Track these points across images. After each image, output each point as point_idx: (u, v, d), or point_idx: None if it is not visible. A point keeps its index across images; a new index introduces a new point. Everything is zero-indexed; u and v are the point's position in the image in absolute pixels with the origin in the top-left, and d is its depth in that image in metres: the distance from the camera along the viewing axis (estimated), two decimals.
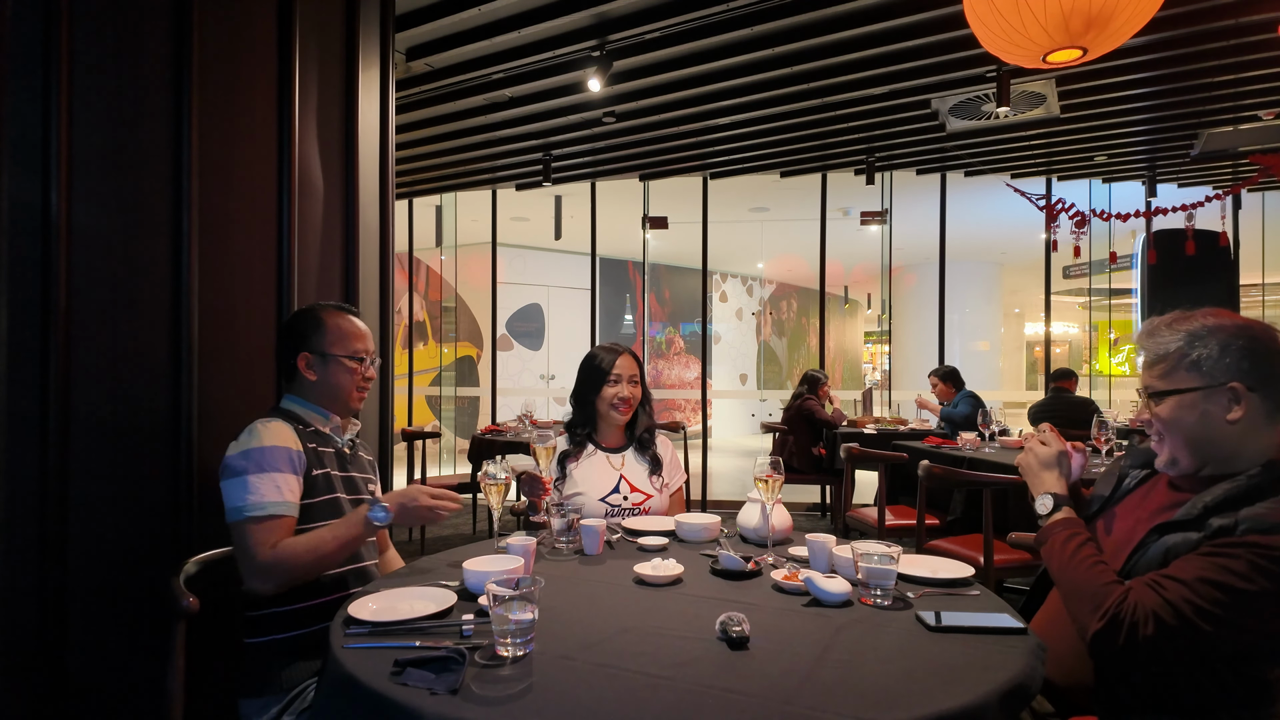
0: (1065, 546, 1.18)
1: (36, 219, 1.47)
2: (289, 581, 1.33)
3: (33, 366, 1.46)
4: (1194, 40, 3.43)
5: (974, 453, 3.40)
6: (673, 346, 11.06)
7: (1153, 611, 1.02)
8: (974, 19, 1.98)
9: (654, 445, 2.00)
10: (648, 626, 1.11)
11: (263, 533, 1.32)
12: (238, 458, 1.39)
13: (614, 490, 1.91)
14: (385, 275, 2.33)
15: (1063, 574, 1.17)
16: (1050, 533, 1.23)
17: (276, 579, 1.31)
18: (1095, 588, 1.10)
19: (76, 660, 1.51)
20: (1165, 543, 1.11)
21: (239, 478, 1.36)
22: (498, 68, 3.79)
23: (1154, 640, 1.01)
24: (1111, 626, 1.04)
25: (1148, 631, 1.01)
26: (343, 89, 2.16)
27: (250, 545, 1.31)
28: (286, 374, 1.57)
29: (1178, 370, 1.15)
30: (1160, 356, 1.17)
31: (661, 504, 1.95)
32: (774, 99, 4.16)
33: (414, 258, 7.72)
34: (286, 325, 1.60)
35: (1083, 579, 1.12)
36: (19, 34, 1.47)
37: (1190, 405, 1.13)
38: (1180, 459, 1.16)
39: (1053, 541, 1.22)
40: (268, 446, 1.39)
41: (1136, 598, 1.04)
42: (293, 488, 1.40)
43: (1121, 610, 1.04)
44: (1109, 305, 8.57)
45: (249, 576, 1.32)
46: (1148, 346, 1.20)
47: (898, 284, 9.88)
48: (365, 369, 1.58)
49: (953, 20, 3.21)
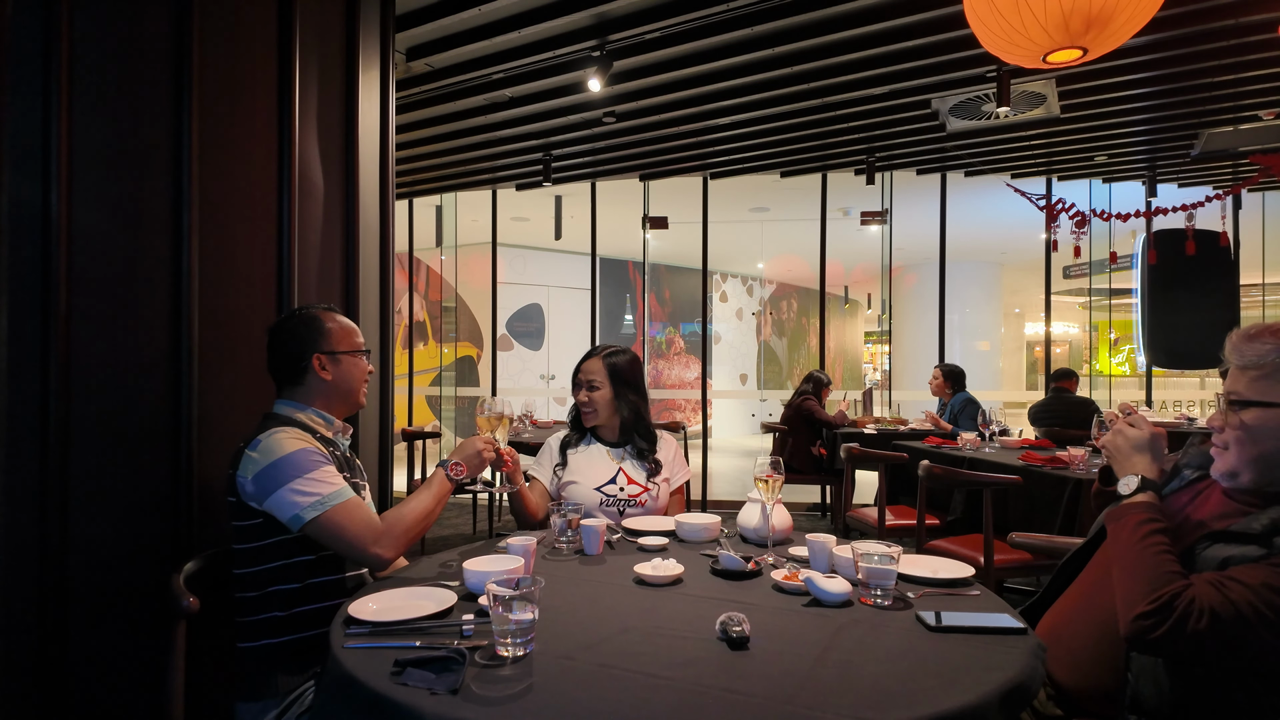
0: (1139, 528, 1.14)
1: (36, 219, 1.48)
2: (405, 544, 1.37)
3: (33, 366, 1.46)
4: (1194, 40, 3.43)
5: (974, 453, 3.40)
6: (673, 346, 11.06)
7: (1211, 608, 0.99)
8: (974, 19, 1.98)
9: (654, 452, 2.00)
10: (648, 626, 1.11)
11: (348, 513, 1.34)
12: (271, 469, 1.34)
13: (611, 480, 1.92)
14: (385, 275, 2.33)
15: (1128, 552, 1.13)
16: (1127, 511, 1.18)
17: (394, 545, 1.35)
18: (1158, 573, 1.06)
19: (76, 660, 1.51)
20: (1222, 553, 1.07)
21: (283, 488, 1.33)
22: (498, 68, 3.79)
23: (1202, 636, 0.98)
24: (1162, 611, 1.01)
25: (1199, 626, 0.98)
26: (343, 89, 2.16)
27: (343, 526, 1.32)
28: (288, 379, 1.53)
29: (1269, 380, 1.10)
30: (1254, 364, 1.12)
31: (660, 500, 1.96)
32: (774, 99, 4.16)
33: (414, 258, 7.72)
34: (285, 331, 1.54)
35: (1149, 562, 1.08)
36: (19, 34, 1.47)
37: (1273, 419, 1.09)
38: (1243, 473, 1.12)
39: (1127, 519, 1.17)
40: (294, 451, 1.37)
41: (1196, 592, 1.01)
42: (338, 475, 1.40)
43: (1179, 600, 1.01)
44: (1109, 305, 8.57)
45: (368, 551, 1.33)
46: (1244, 350, 1.14)
47: (898, 284, 9.88)
48: (368, 362, 1.62)
49: (953, 20, 3.21)
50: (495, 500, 5.20)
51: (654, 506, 1.94)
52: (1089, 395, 6.31)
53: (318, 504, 1.32)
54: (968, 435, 3.71)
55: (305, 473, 1.34)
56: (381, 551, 1.34)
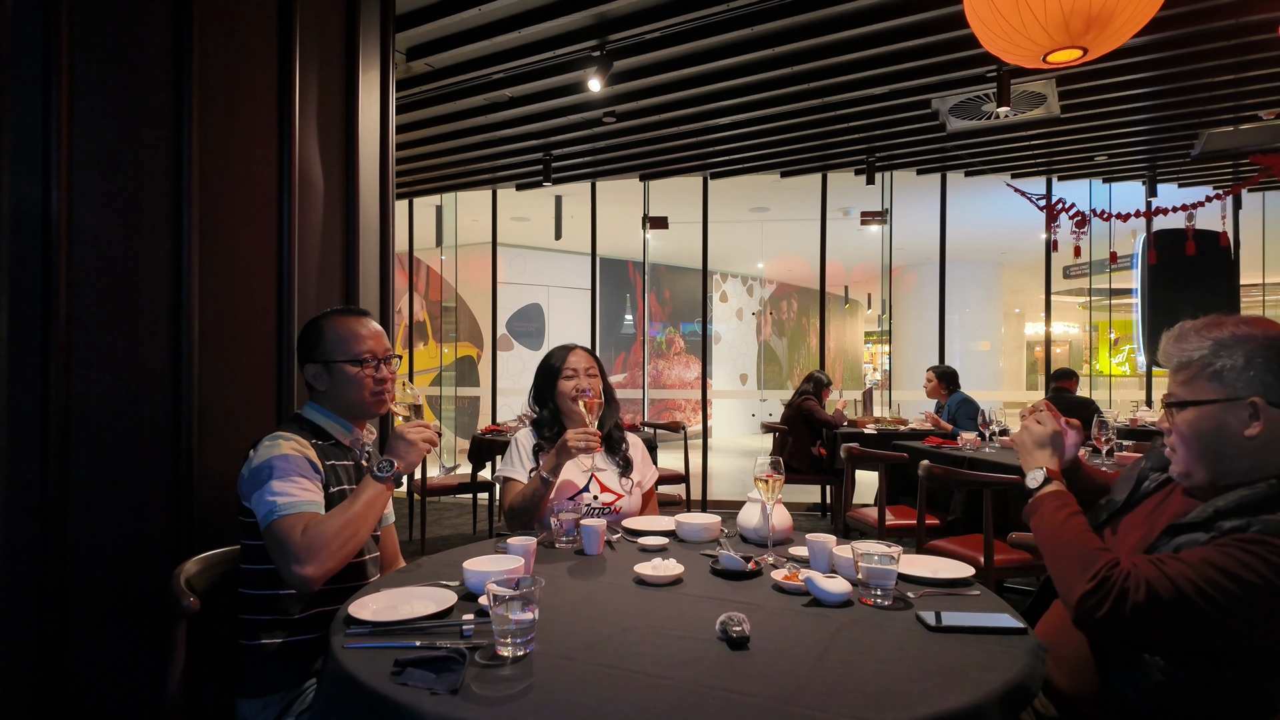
0: (1056, 514, 1.17)
1: (36, 219, 1.48)
2: (329, 559, 1.26)
3: (33, 366, 1.46)
4: (1194, 40, 3.43)
5: (974, 453, 3.40)
6: (673, 346, 11.06)
7: (1146, 580, 0.99)
8: (974, 19, 1.98)
9: (624, 445, 1.99)
10: (648, 626, 1.11)
11: (294, 522, 1.27)
12: (260, 468, 1.34)
13: (584, 490, 1.90)
14: (385, 275, 2.33)
15: (1052, 539, 1.15)
16: (1041, 504, 1.22)
17: (317, 560, 1.24)
18: (1086, 551, 1.08)
19: (76, 660, 1.51)
20: (1175, 543, 1.08)
21: (263, 486, 1.31)
22: (498, 68, 3.79)
23: (1142, 610, 0.99)
24: (1100, 588, 1.02)
25: (1138, 598, 0.99)
26: (343, 89, 2.16)
27: (284, 537, 1.26)
28: (307, 387, 1.54)
29: (1199, 379, 1.11)
30: (1184, 364, 1.13)
31: (633, 505, 1.94)
32: (774, 99, 4.16)
33: (414, 258, 7.72)
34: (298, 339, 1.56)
35: (1073, 543, 1.11)
36: (19, 34, 1.47)
37: (1208, 417, 1.09)
38: (1194, 472, 1.13)
39: (1043, 511, 1.21)
40: (288, 454, 1.36)
41: (1130, 566, 1.02)
42: (317, 489, 1.37)
43: (1113, 574, 1.02)
44: (1109, 305, 8.58)
45: (290, 568, 1.24)
46: (1173, 352, 1.16)
47: (898, 284, 9.88)
48: (375, 370, 1.51)
49: (953, 20, 3.21)
50: (494, 500, 5.20)
51: (629, 512, 1.92)
52: (1089, 395, 6.32)
53: (280, 508, 1.28)
54: (968, 435, 3.71)
55: (282, 477, 1.32)
56: (301, 573, 1.24)
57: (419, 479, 4.16)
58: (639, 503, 1.97)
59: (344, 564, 1.32)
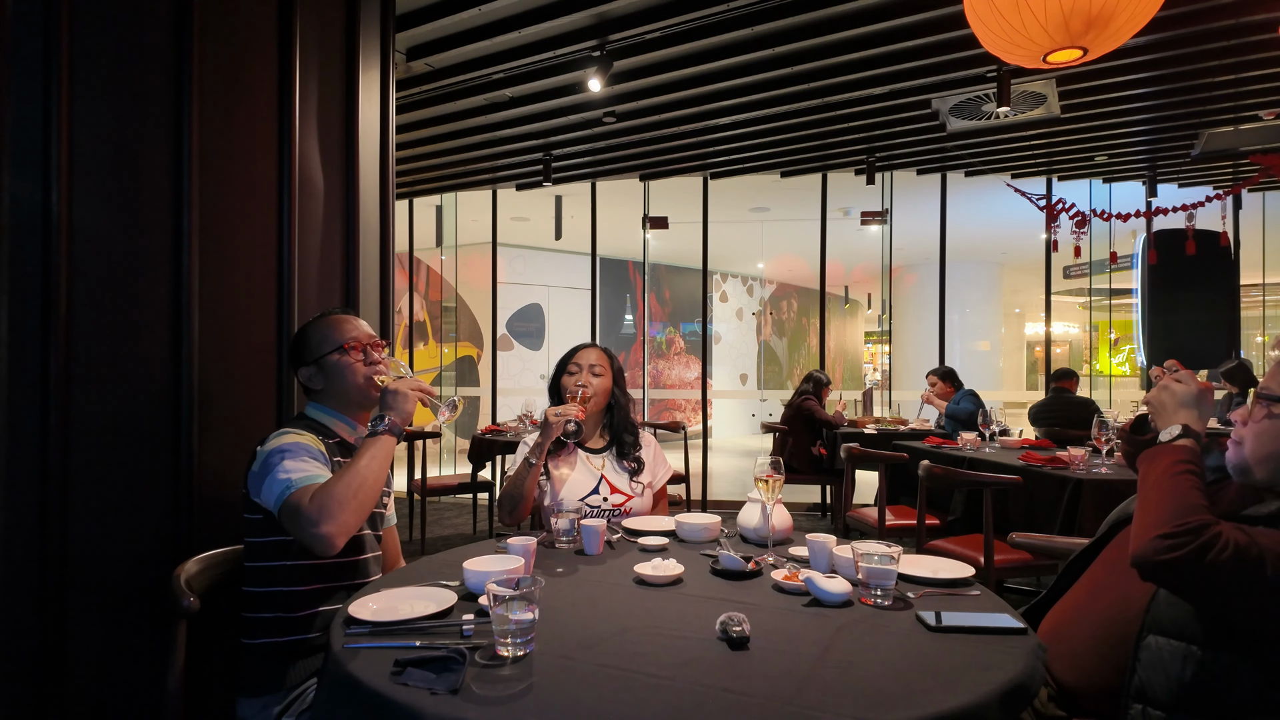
0: (1175, 465, 1.11)
1: (37, 219, 1.48)
2: (341, 513, 1.24)
3: (33, 366, 1.46)
4: (1194, 40, 3.43)
5: (974, 453, 3.40)
6: (673, 346, 11.06)
7: (1237, 543, 0.97)
8: (974, 19, 1.98)
9: (636, 449, 1.99)
10: (648, 626, 1.11)
11: (304, 493, 1.26)
12: (271, 454, 1.33)
13: (593, 491, 1.90)
14: (385, 275, 2.33)
15: (1158, 483, 1.10)
16: (1165, 451, 1.15)
17: (331, 518, 1.22)
18: (1187, 503, 1.04)
19: (76, 660, 1.51)
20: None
21: (274, 470, 1.31)
22: (498, 68, 3.79)
23: (1219, 568, 0.96)
24: (1186, 535, 0.98)
25: (1222, 557, 0.96)
26: (343, 89, 2.16)
27: (297, 505, 1.25)
28: (305, 391, 1.56)
29: None
30: None
31: (643, 505, 1.94)
32: (774, 99, 4.17)
33: (414, 258, 7.72)
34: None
35: (1180, 493, 1.06)
36: (19, 34, 1.47)
37: None
38: (1255, 469, 1.11)
39: (1162, 458, 1.13)
40: (298, 441, 1.37)
41: (1224, 528, 1.00)
42: (328, 472, 1.36)
43: (1205, 531, 0.99)
44: (1109, 305, 8.57)
45: (307, 532, 1.22)
46: None
47: (898, 284, 9.88)
48: (365, 354, 1.52)
49: (953, 20, 3.21)
50: (494, 500, 5.20)
51: (639, 513, 1.92)
52: (1089, 395, 6.31)
53: (288, 486, 1.28)
54: (968, 435, 3.71)
55: (293, 458, 1.33)
56: (319, 535, 1.22)
57: (419, 479, 4.16)
58: (649, 503, 1.97)
59: (361, 521, 1.30)
